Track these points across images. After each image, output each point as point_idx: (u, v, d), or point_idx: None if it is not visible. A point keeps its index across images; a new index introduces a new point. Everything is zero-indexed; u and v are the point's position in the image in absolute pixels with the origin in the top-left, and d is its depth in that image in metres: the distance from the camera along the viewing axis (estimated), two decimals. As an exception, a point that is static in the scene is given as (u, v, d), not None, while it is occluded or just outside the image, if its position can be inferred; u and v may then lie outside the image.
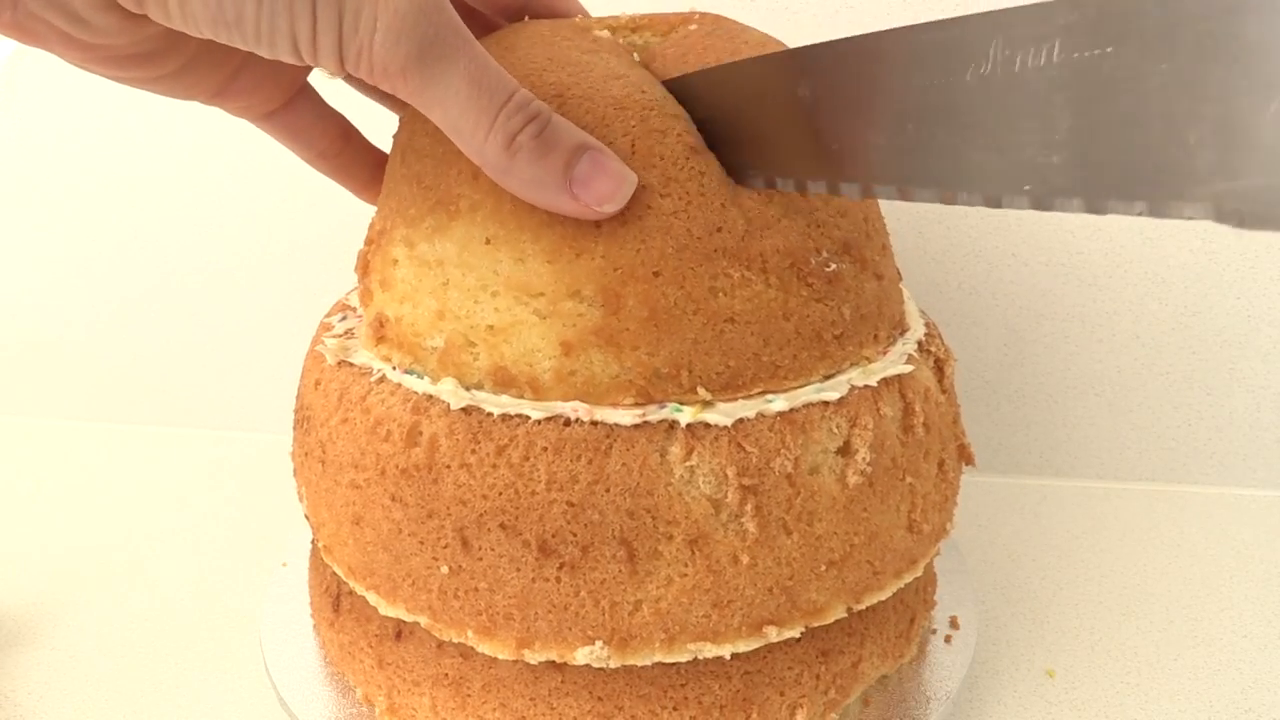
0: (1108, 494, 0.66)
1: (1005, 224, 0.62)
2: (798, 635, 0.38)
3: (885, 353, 0.42)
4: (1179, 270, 0.62)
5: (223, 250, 0.71)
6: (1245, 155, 0.21)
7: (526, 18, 0.45)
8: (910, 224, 0.63)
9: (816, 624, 0.39)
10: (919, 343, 0.44)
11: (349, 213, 0.48)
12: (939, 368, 0.44)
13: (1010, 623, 0.54)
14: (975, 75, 0.26)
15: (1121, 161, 0.24)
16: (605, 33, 0.43)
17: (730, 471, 0.36)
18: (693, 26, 0.44)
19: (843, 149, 0.32)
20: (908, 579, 0.42)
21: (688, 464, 0.36)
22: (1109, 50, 0.23)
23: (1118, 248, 0.62)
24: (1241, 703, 0.48)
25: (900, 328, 0.44)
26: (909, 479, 0.40)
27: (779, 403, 0.37)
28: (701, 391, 0.37)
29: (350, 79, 0.44)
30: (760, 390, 0.38)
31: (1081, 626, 0.53)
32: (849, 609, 0.40)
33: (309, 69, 0.43)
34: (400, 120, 0.43)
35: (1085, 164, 0.25)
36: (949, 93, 0.27)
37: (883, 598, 0.41)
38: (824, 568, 0.38)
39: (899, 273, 0.46)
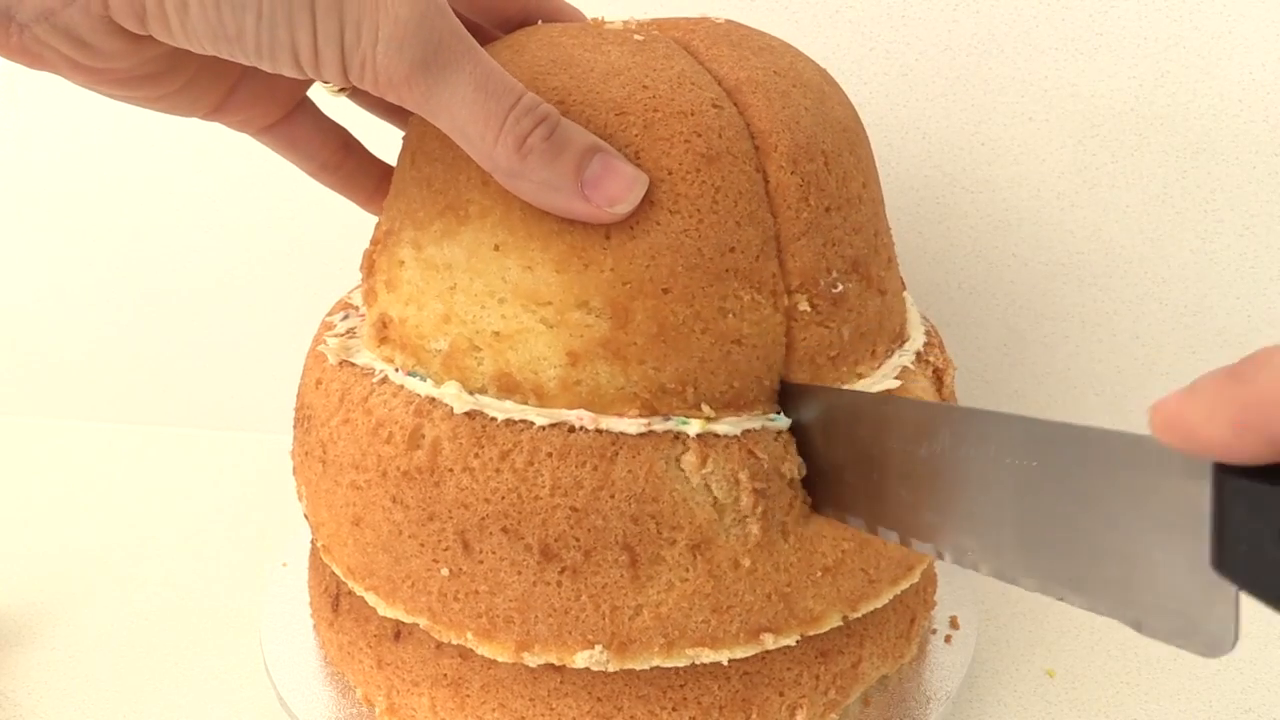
0: (1107, 493, 0.66)
1: (1005, 224, 0.62)
2: (793, 643, 0.39)
3: (880, 367, 0.42)
4: (1179, 270, 0.62)
5: (222, 250, 0.71)
6: (1142, 585, 0.26)
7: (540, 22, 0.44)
8: (911, 225, 0.63)
9: (812, 632, 0.39)
10: (917, 353, 0.44)
11: (351, 214, 0.48)
12: (938, 377, 0.44)
13: (1010, 623, 0.54)
14: (928, 450, 0.31)
15: (1056, 553, 0.28)
16: (617, 25, 0.43)
17: (743, 475, 0.36)
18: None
19: (879, 497, 0.35)
20: (904, 585, 0.42)
21: (703, 471, 0.36)
22: (1037, 464, 0.28)
23: (1118, 248, 0.62)
24: (1241, 703, 0.49)
25: (899, 340, 0.44)
26: None
27: (782, 419, 0.38)
28: (705, 409, 0.37)
29: (353, 94, 0.44)
30: (760, 410, 0.38)
31: (1081, 626, 0.54)
32: (844, 617, 0.40)
33: (308, 83, 0.43)
34: (410, 122, 0.43)
35: (1028, 547, 0.28)
36: (909, 460, 0.32)
37: (879, 605, 0.41)
38: (819, 574, 0.38)
39: (903, 282, 0.46)
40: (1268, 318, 0.62)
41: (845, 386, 0.40)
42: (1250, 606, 0.27)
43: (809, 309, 0.38)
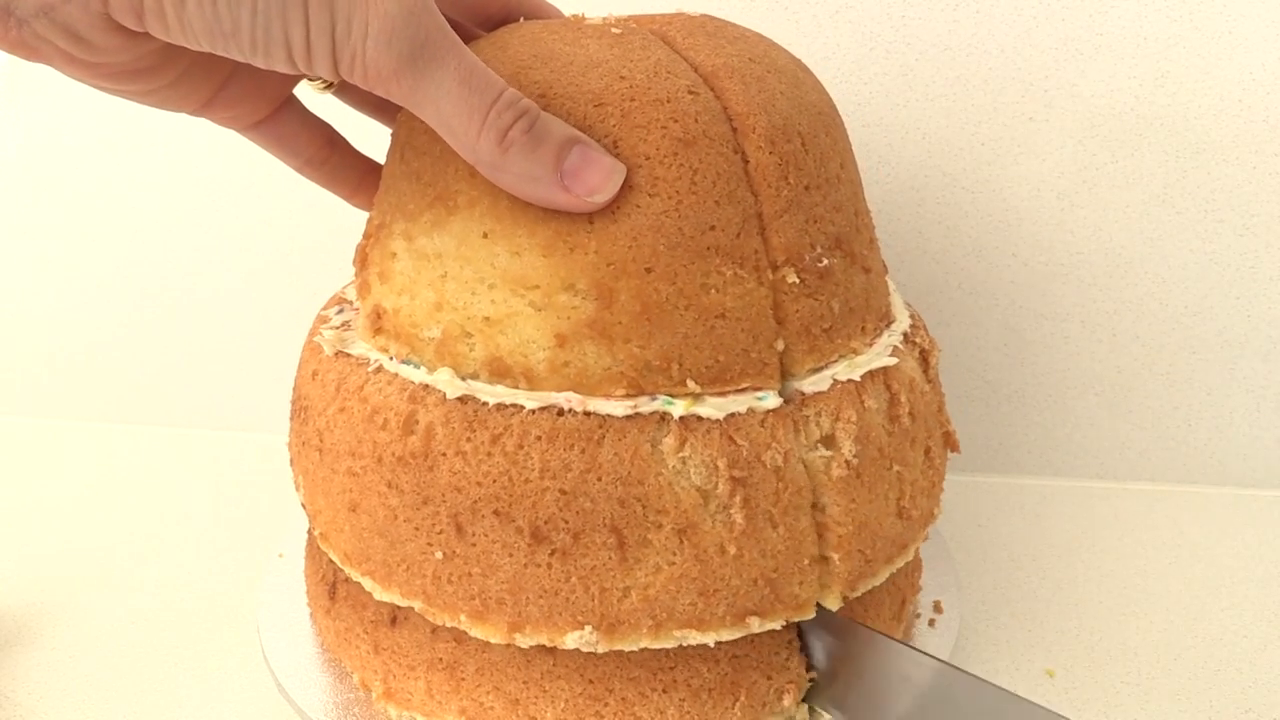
0: (1108, 494, 0.66)
1: (1005, 224, 0.63)
2: (779, 627, 0.39)
3: (872, 344, 0.43)
4: (1179, 270, 0.62)
5: (215, 251, 0.72)
6: None
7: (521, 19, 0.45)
8: (911, 224, 0.63)
9: (797, 619, 0.39)
10: (904, 334, 0.44)
11: (344, 212, 0.49)
12: (924, 358, 0.45)
13: (1010, 623, 0.54)
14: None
15: None
16: (596, 20, 0.43)
17: (721, 463, 0.36)
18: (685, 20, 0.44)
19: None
20: (899, 564, 0.42)
21: (680, 455, 0.36)
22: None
23: (1118, 248, 0.62)
24: (1241, 702, 0.48)
25: (886, 320, 0.45)
26: (896, 467, 0.41)
27: (770, 399, 0.38)
28: (691, 384, 0.38)
29: (339, 91, 0.45)
30: (748, 385, 0.38)
31: (1081, 626, 0.53)
32: (845, 597, 0.40)
33: (295, 80, 0.44)
34: (398, 119, 0.44)
35: None
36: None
37: (876, 584, 0.41)
38: (807, 562, 0.39)
39: (885, 265, 0.47)
40: (1268, 317, 0.62)
41: (842, 361, 0.41)
42: (1250, 606, 0.28)
43: (797, 281, 0.39)
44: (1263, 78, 0.58)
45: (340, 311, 0.46)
